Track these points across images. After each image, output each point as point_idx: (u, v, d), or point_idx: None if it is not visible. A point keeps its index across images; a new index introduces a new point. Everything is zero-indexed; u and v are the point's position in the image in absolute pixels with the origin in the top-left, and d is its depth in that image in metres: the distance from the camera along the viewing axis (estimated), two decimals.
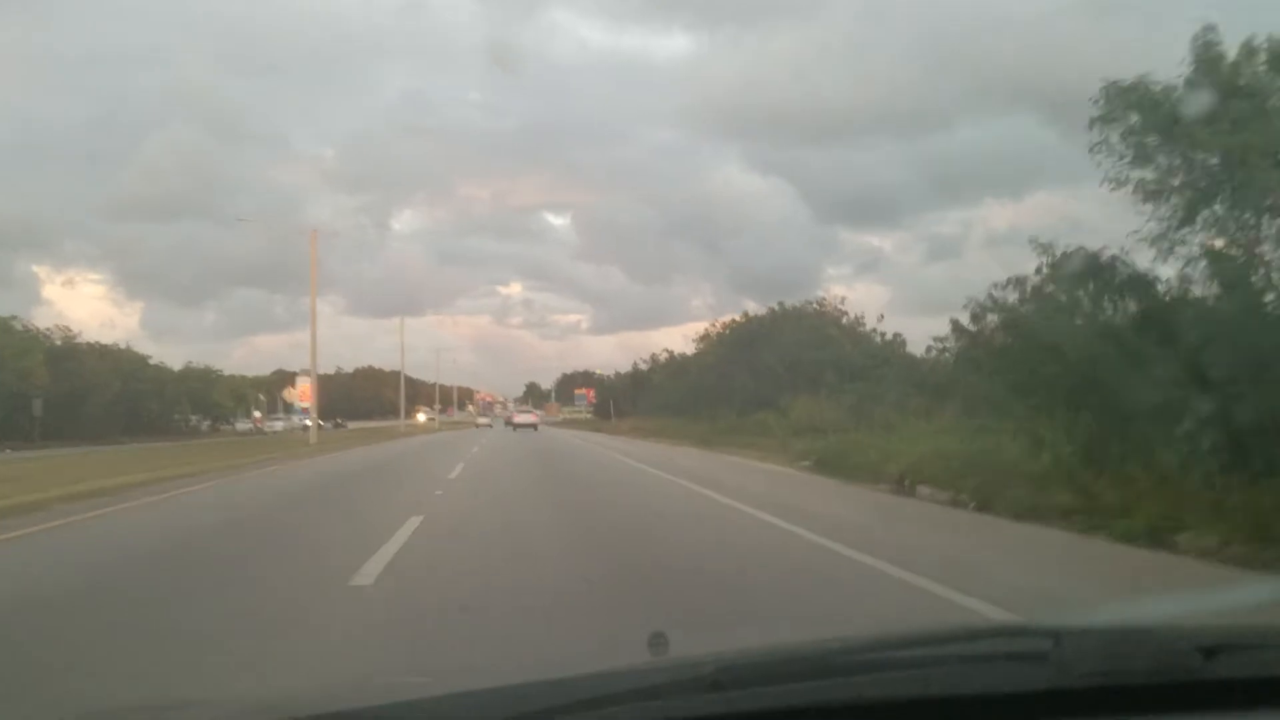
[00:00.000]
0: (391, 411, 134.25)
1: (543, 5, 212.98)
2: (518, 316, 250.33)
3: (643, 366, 76.55)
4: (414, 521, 9.73)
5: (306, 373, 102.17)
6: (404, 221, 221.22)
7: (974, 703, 1.40)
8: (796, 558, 7.83)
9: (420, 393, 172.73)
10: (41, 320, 68.84)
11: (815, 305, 41.22)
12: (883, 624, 5.22)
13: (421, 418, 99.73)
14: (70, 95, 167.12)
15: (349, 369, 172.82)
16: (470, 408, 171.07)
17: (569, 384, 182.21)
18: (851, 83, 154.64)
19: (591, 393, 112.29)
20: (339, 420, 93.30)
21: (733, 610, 5.61)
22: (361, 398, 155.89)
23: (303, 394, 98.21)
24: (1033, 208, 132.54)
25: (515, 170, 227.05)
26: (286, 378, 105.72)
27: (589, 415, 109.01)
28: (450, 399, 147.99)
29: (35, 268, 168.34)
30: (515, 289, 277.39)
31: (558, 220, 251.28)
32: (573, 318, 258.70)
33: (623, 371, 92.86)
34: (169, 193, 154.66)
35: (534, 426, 60.67)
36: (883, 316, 65.89)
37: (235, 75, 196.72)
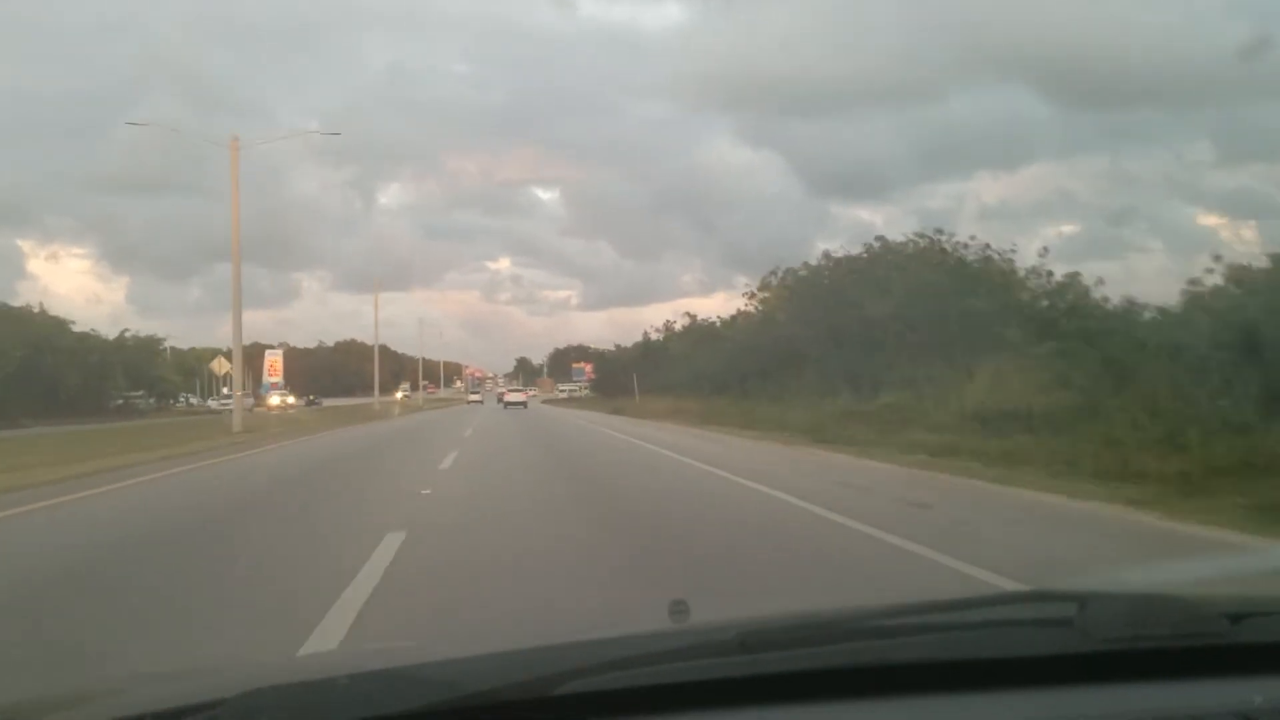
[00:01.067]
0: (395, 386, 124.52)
1: None
2: (506, 292, 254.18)
3: (655, 335, 66.29)
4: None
5: (275, 347, 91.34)
6: (391, 196, 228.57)
7: (998, 666, 1.40)
8: None
9: (406, 368, 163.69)
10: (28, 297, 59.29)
11: (935, 238, 28.80)
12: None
13: (400, 394, 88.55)
14: (52, 66, 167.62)
15: (331, 344, 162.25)
16: (458, 383, 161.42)
17: (563, 359, 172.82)
18: (844, 53, 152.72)
19: (590, 367, 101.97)
20: (313, 397, 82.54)
21: None
22: (344, 373, 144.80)
23: (271, 368, 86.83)
24: (1026, 181, 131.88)
25: (503, 144, 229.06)
26: (259, 352, 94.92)
27: (587, 392, 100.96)
28: (436, 374, 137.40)
29: (19, 242, 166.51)
30: (504, 264, 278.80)
31: (546, 195, 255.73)
32: (562, 294, 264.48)
33: (624, 344, 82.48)
34: (151, 167, 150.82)
35: (524, 404, 59.17)
36: (1046, 250, 41.61)
37: (218, 45, 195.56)
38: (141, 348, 64.02)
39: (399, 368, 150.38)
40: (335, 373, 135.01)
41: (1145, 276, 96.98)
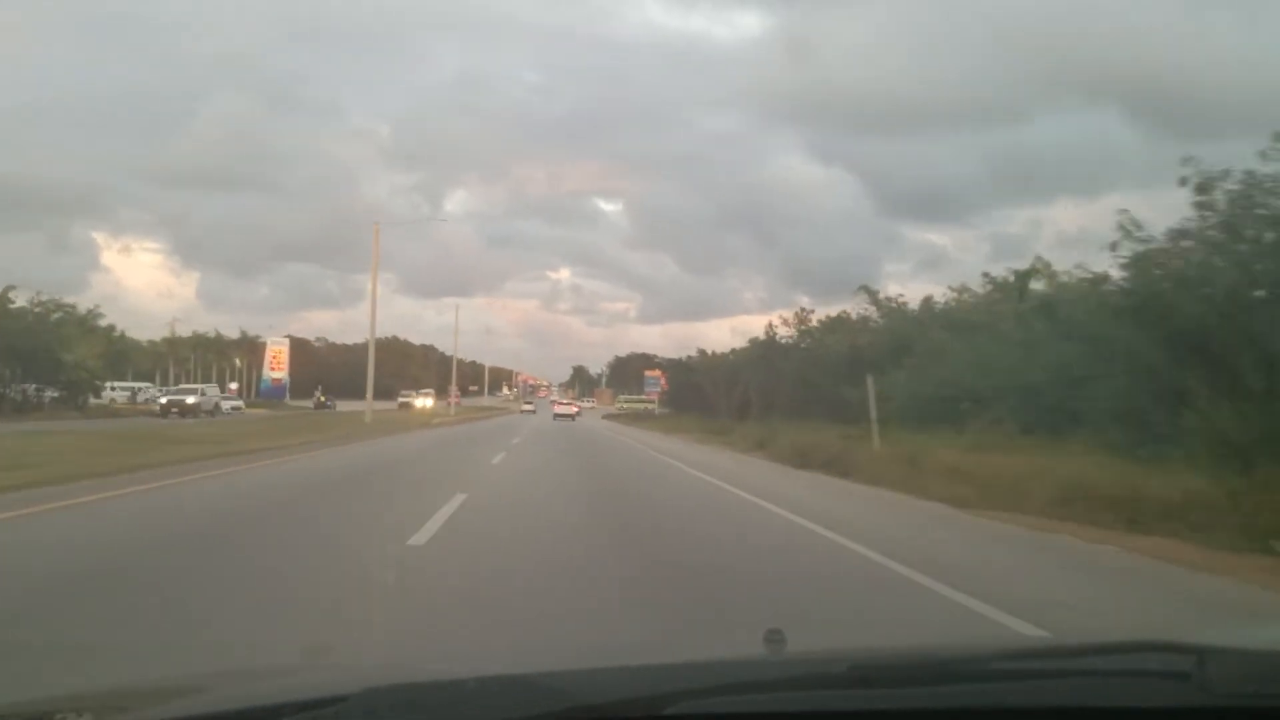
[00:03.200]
0: (415, 389, 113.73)
1: None
2: (566, 302, 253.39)
3: (775, 335, 49.65)
4: None
5: (278, 340, 76.37)
6: (456, 202, 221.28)
7: (1109, 715, 1.41)
8: None
9: (450, 371, 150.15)
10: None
11: None
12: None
13: (421, 403, 72.31)
14: (131, 62, 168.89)
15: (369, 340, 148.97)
16: (506, 390, 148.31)
17: (624, 368, 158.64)
18: (925, 70, 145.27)
19: (664, 377, 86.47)
20: (324, 399, 67.71)
21: None
22: (384, 373, 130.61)
23: (274, 360, 72.50)
24: (1107, 209, 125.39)
25: (568, 154, 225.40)
26: (255, 344, 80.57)
27: (654, 406, 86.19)
28: (481, 379, 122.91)
29: (94, 234, 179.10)
30: (564, 274, 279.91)
31: (609, 206, 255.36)
32: (620, 305, 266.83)
33: (714, 351, 66.66)
34: (224, 163, 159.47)
35: (571, 417, 59.74)
36: None
37: (292, 45, 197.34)
38: (41, 323, 43.47)
39: (446, 370, 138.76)
40: (375, 372, 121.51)
41: None
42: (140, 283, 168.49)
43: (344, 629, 5.01)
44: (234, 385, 69.43)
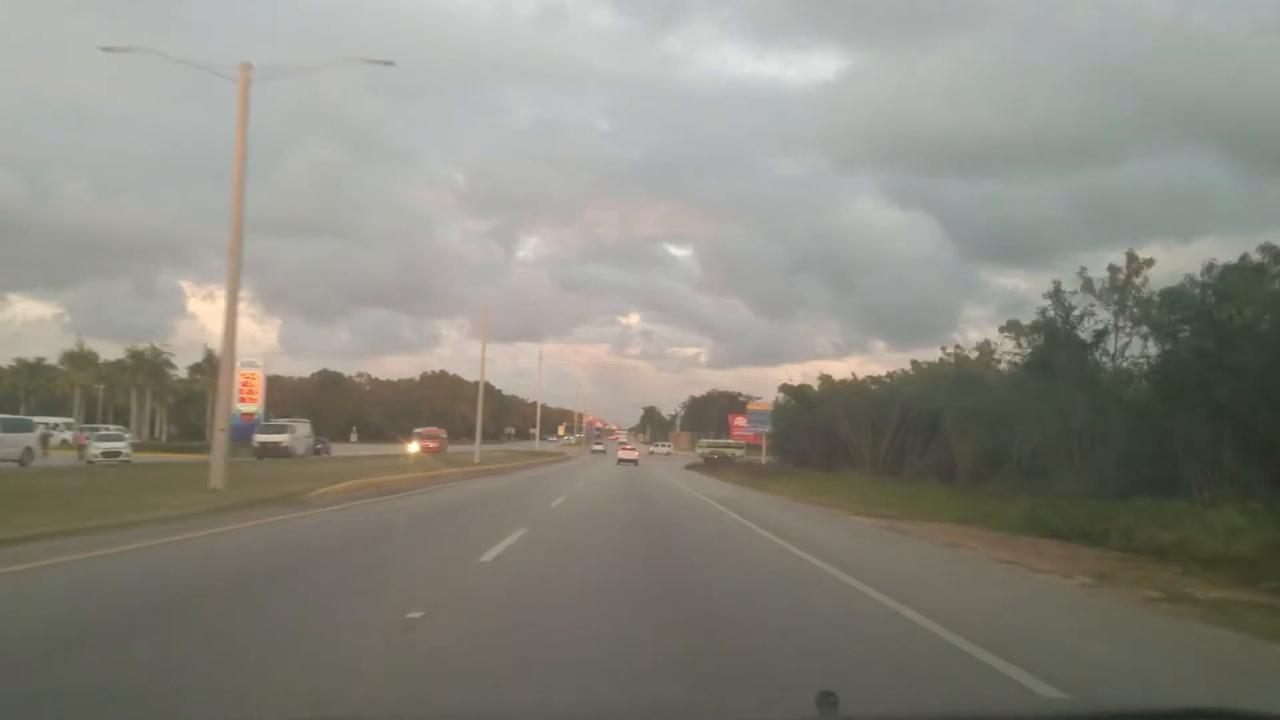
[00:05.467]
0: (467, 432, 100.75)
1: (676, 37, 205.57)
2: (635, 347, 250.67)
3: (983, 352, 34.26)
4: None
5: (250, 364, 61.58)
6: (528, 247, 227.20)
7: None
8: None
9: (509, 410, 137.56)
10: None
11: None
12: None
13: (415, 446, 56.47)
14: (216, 112, 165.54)
15: (417, 377, 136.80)
16: (562, 433, 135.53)
17: (702, 409, 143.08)
18: (1007, 108, 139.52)
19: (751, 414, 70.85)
20: (320, 444, 53.28)
21: None
22: (429, 411, 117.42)
23: (244, 390, 57.76)
24: (1199, 254, 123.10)
25: (639, 199, 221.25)
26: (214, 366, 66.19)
27: (740, 453, 71.14)
28: (531, 419, 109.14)
29: (181, 282, 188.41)
30: (634, 319, 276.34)
31: (680, 251, 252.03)
32: (690, 350, 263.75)
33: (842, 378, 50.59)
34: (304, 210, 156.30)
35: (635, 461, 59.73)
36: None
37: (371, 94, 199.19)
38: None
39: (500, 409, 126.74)
40: (417, 410, 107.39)
41: None
42: (221, 327, 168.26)
43: None
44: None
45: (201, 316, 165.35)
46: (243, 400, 50.92)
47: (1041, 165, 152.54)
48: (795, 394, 57.50)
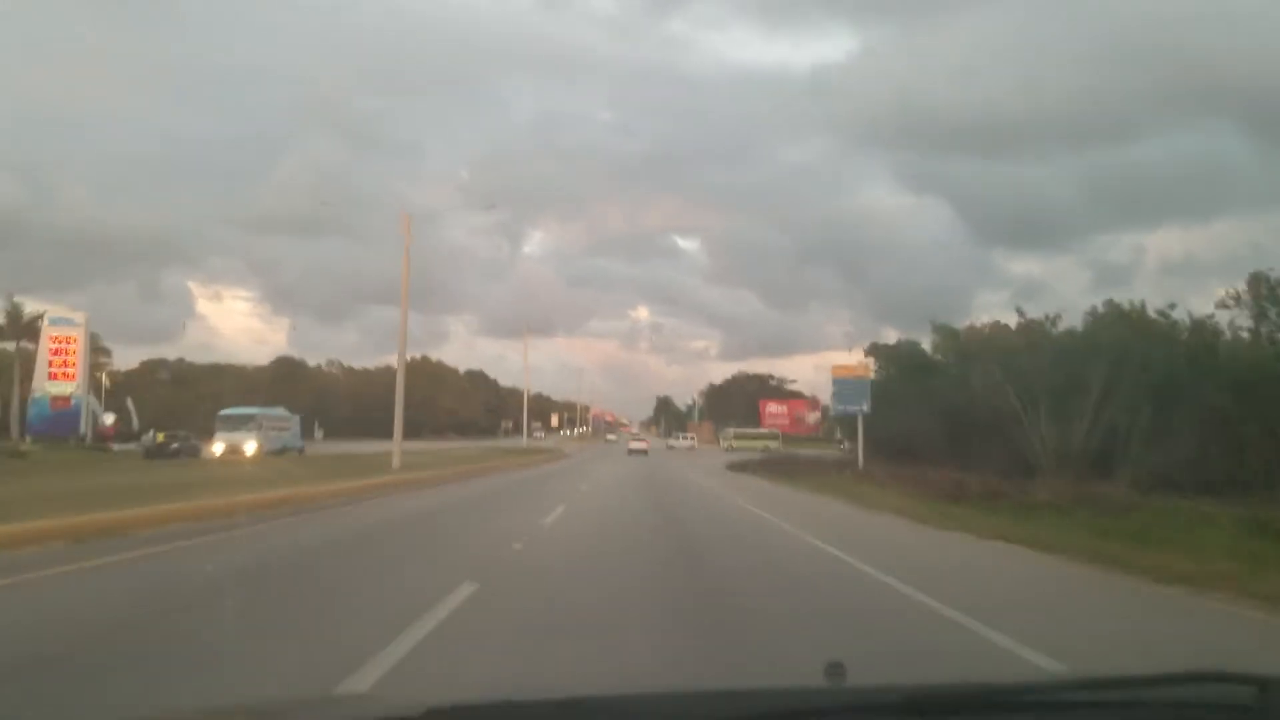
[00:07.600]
0: (455, 427, 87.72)
1: (680, 19, 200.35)
2: (645, 340, 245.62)
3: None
4: None
5: (63, 321, 43.75)
6: (534, 242, 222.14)
7: None
8: None
9: (506, 403, 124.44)
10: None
11: None
12: None
13: (220, 447, 38.63)
14: (219, 112, 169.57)
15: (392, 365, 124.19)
16: (554, 423, 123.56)
17: (723, 398, 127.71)
18: (1022, 88, 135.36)
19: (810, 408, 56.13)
20: (171, 442, 37.56)
21: None
22: (412, 402, 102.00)
23: (55, 360, 41.12)
24: (1218, 234, 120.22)
25: (646, 191, 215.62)
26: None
27: (775, 445, 60.99)
28: (551, 414, 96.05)
29: (189, 283, 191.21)
30: (643, 313, 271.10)
31: (688, 243, 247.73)
32: (700, 343, 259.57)
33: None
34: (308, 208, 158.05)
35: (645, 452, 61.01)
36: None
37: (373, 91, 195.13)
38: None
39: (500, 404, 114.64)
40: (393, 400, 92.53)
41: None
42: (232, 328, 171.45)
43: None
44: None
45: (211, 317, 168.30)
46: (53, 376, 35.14)
47: (1054, 146, 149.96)
48: (896, 356, 39.83)
